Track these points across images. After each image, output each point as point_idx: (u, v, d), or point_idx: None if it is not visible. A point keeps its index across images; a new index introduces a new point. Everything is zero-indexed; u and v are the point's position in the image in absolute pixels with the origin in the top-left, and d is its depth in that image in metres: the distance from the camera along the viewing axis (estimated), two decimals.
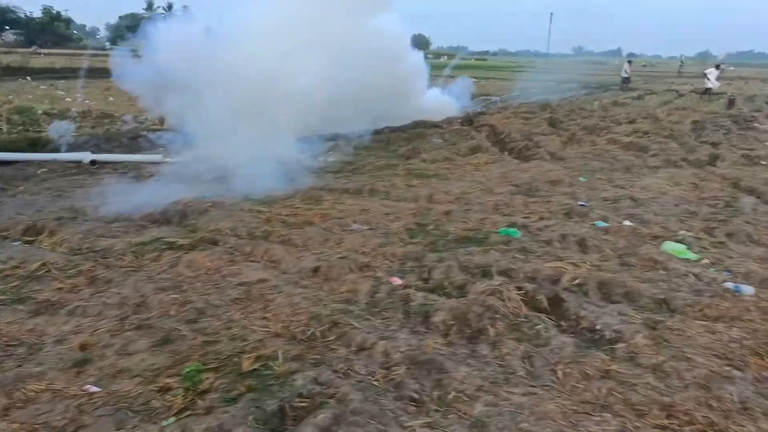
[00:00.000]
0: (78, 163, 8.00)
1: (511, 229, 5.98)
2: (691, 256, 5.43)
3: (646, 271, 5.03)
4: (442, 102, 17.70)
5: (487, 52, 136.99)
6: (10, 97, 16.82)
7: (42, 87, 21.37)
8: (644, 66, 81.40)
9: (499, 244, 5.53)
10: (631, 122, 16.28)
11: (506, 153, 10.89)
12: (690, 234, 6.09)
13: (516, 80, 36.52)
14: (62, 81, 23.32)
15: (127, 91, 9.99)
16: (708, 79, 27.38)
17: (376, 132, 12.53)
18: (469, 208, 6.86)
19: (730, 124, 15.85)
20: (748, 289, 4.59)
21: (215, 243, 5.05)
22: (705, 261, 5.32)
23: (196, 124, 8.76)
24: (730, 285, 4.67)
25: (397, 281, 4.41)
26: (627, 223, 6.44)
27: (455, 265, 4.61)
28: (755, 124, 16.07)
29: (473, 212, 6.62)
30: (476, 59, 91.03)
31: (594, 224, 6.42)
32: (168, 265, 4.47)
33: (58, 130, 8.70)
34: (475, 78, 35.04)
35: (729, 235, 6.17)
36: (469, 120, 16.03)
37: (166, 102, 9.19)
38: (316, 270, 4.54)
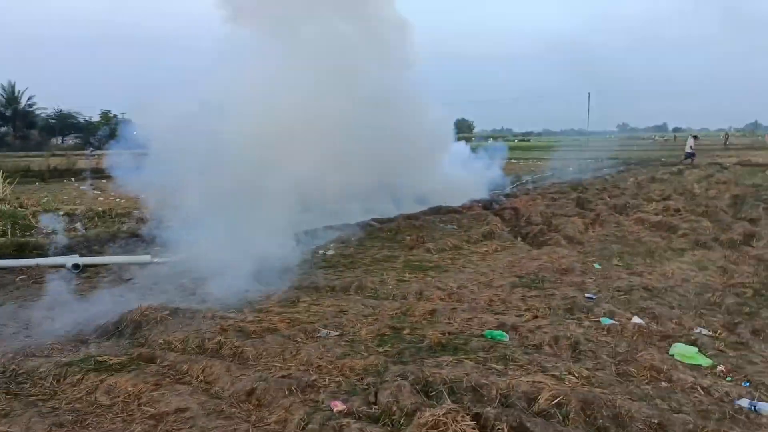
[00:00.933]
0: (62, 267, 7.85)
1: (498, 332, 5.31)
2: (704, 361, 4.62)
3: (645, 383, 4.26)
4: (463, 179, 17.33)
5: (530, 133, 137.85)
6: (45, 198, 17.37)
7: (82, 187, 22.10)
8: (697, 138, 79.89)
9: (479, 351, 4.86)
10: (664, 199, 15.43)
11: (519, 239, 10.25)
12: (707, 332, 5.28)
13: (553, 159, 36.01)
14: (104, 180, 24.19)
15: (129, 191, 10.00)
16: None
17: (388, 220, 12.16)
18: (459, 305, 6.23)
19: None
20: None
21: (152, 360, 4.58)
22: (720, 368, 4.50)
23: (190, 219, 8.57)
24: (745, 403, 3.85)
25: (338, 406, 3.79)
26: (636, 319, 5.67)
27: (407, 384, 3.96)
28: None
29: (461, 311, 5.98)
30: (519, 140, 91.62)
31: (599, 321, 5.69)
32: (85, 392, 4.00)
33: (51, 228, 8.62)
34: (513, 159, 34.93)
35: (755, 332, 5.32)
36: (490, 203, 15.57)
37: (164, 196, 9.11)
38: (250, 393, 3.98)
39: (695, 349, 4.79)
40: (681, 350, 4.78)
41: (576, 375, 4.30)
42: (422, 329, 5.44)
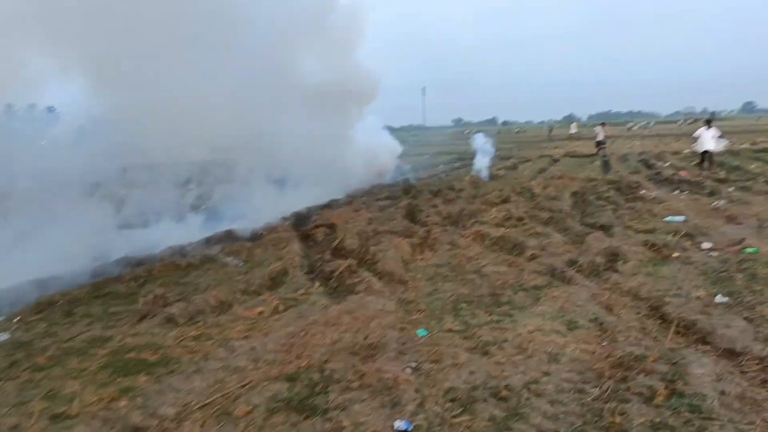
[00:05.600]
0: None
1: None
2: None
3: None
4: None
5: None
6: None
7: None
8: (517, 132, 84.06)
9: None
10: (504, 201, 13.35)
11: (318, 284, 7.12)
12: None
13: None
14: None
15: None
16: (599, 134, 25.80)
17: (136, 263, 8.46)
18: None
19: (615, 195, 13.30)
20: None
21: None
22: None
23: None
24: None
25: None
26: None
27: None
28: (642, 192, 13.65)
29: None
30: None
31: None
32: None
33: None
34: None
35: None
36: (305, 218, 12.39)
37: None
38: None
39: None
40: None
41: None
42: None
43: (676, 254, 7.60)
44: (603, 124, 27.06)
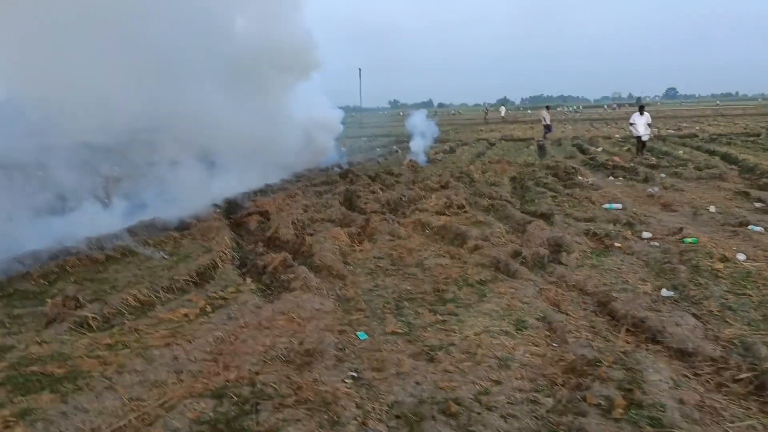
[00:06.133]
0: None
1: None
2: None
3: None
4: None
5: None
6: None
7: None
8: (454, 114, 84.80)
9: None
10: (443, 187, 13.14)
11: (250, 280, 6.60)
12: None
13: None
14: None
15: None
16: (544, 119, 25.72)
17: (51, 257, 7.64)
18: None
19: (553, 182, 13.32)
20: None
21: None
22: None
23: None
24: None
25: None
26: None
27: None
28: (579, 177, 13.75)
29: None
30: None
31: None
32: None
33: None
34: None
35: None
36: (237, 206, 11.74)
37: None
38: None
39: None
40: None
41: None
42: None
43: (617, 244, 7.53)
44: (548, 108, 27.10)
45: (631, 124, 18.41)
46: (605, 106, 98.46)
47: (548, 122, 25.05)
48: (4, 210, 9.12)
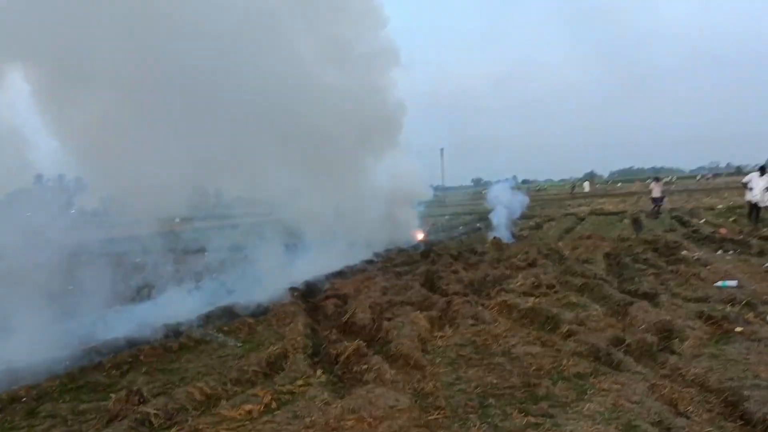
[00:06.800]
0: None
1: None
2: None
3: None
4: None
5: None
6: None
7: None
8: (539, 190, 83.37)
9: None
10: (530, 265, 12.34)
11: (320, 372, 6.13)
12: None
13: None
14: None
15: None
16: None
17: (114, 350, 7.55)
18: None
19: (654, 258, 12.20)
20: None
21: None
22: None
23: None
24: None
25: None
26: None
27: None
28: (683, 252, 12.53)
29: None
30: None
31: None
32: None
33: None
34: None
35: None
36: (312, 289, 11.48)
37: None
38: None
39: None
40: None
41: None
42: None
43: (739, 329, 6.49)
44: (657, 179, 25.38)
45: (746, 187, 16.52)
46: (697, 178, 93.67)
47: (658, 195, 23.36)
48: (89, 299, 9.30)
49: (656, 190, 23.56)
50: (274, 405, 5.19)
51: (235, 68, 9.76)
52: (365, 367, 5.93)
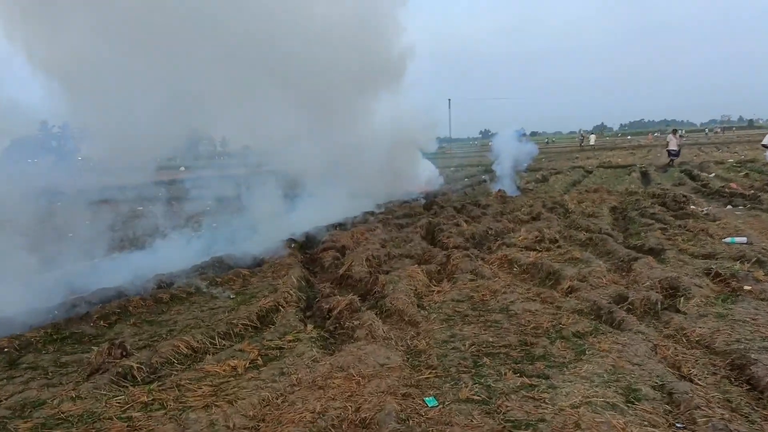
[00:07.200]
0: None
1: None
2: None
3: None
4: None
5: None
6: None
7: None
8: (547, 143, 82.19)
9: None
10: (534, 218, 12.08)
11: (312, 326, 5.94)
12: None
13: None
14: None
15: None
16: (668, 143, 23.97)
17: (102, 300, 7.39)
18: None
19: (661, 212, 11.86)
20: None
21: None
22: None
23: None
24: None
25: None
26: None
27: None
28: (691, 207, 12.19)
29: None
30: None
31: None
32: None
33: None
34: None
35: None
36: (310, 241, 11.28)
37: None
38: None
39: None
40: None
41: None
42: None
43: (748, 287, 6.22)
44: (675, 131, 25.09)
45: (765, 146, 16.21)
46: (706, 132, 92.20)
47: (674, 147, 22.99)
48: (83, 247, 9.13)
49: (673, 143, 23.16)
50: (260, 361, 5.01)
51: (229, 3, 9.36)
52: (357, 322, 5.73)
